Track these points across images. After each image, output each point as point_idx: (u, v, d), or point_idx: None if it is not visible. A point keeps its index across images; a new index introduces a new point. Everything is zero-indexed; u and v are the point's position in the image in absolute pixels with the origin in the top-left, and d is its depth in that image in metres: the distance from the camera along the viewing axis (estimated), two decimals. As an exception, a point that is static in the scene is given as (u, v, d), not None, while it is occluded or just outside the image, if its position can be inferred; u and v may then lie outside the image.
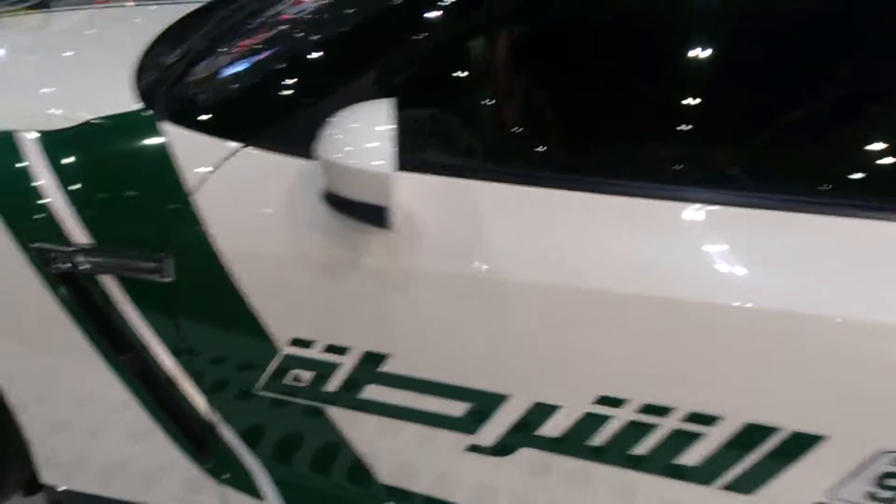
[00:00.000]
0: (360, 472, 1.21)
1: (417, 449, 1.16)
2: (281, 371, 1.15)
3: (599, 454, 1.06)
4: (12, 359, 1.26)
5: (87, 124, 1.18)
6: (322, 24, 1.24)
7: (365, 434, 1.17)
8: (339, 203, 0.96)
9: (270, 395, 1.19)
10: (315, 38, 1.12)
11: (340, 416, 1.17)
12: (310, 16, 1.31)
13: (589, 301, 0.98)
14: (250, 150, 1.10)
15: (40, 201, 1.15)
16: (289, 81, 1.11)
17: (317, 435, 1.20)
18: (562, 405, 1.05)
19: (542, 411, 1.06)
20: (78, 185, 1.15)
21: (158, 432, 1.26)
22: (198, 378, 1.21)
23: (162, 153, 1.13)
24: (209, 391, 1.22)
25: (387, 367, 1.10)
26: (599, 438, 1.05)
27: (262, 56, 1.21)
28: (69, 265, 1.16)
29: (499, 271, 1.00)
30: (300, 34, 1.17)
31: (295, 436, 1.22)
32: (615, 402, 1.03)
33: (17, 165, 1.16)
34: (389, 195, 0.91)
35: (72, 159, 1.16)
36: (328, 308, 1.09)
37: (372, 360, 1.10)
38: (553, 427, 1.06)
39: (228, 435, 1.25)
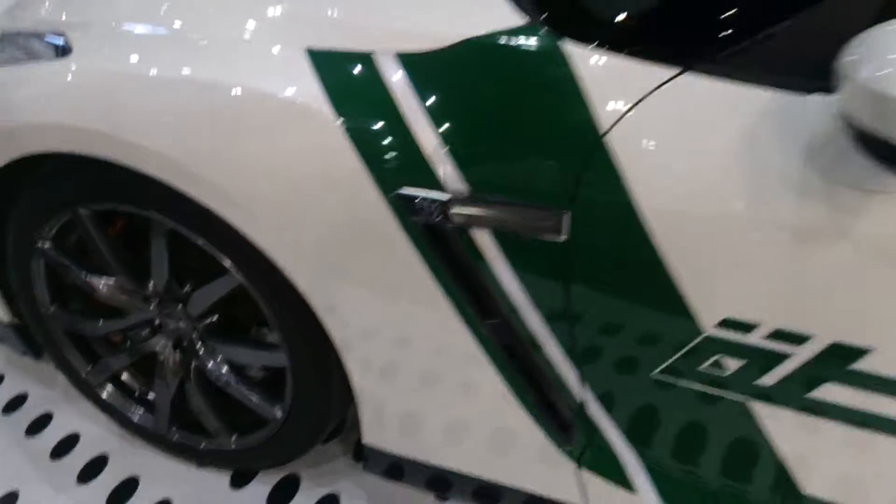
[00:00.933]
0: (780, 479, 0.99)
1: (880, 463, 0.92)
2: (698, 355, 0.93)
3: None
4: (355, 309, 1.10)
5: (463, 44, 0.96)
6: None
7: (804, 438, 0.94)
8: None
9: (672, 380, 0.97)
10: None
11: (771, 414, 0.94)
12: None
13: None
14: (692, 76, 0.85)
15: (407, 140, 0.96)
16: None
17: (728, 431, 0.99)
18: None
19: None
20: (453, 121, 0.95)
21: (515, 405, 1.09)
22: (576, 352, 1.01)
23: (566, 81, 0.90)
24: (588, 368, 1.02)
25: (864, 365, 0.85)
26: None
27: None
28: (439, 216, 0.97)
29: None
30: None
31: (695, 429, 1.01)
32: None
33: (378, 96, 0.97)
34: None
35: (446, 88, 0.96)
36: (788, 286, 0.85)
37: (842, 354, 0.85)
38: None
39: (602, 418, 1.06)
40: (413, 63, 0.97)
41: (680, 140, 0.86)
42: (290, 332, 1.21)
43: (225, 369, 1.36)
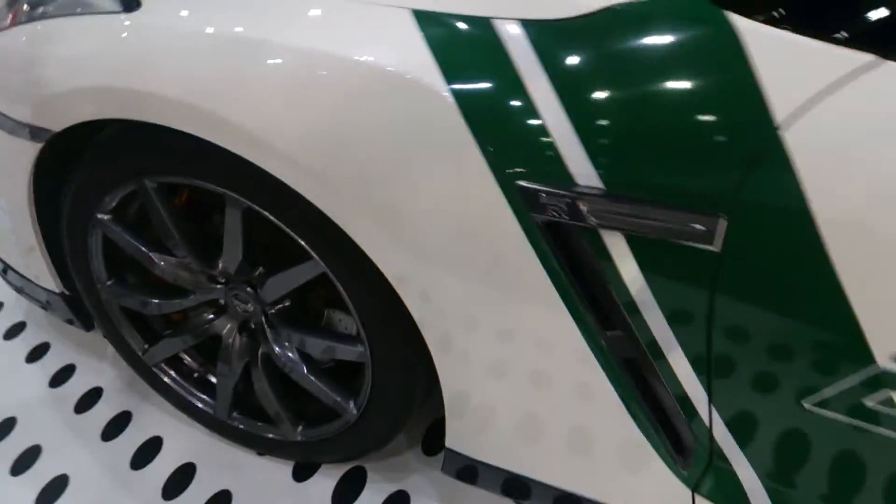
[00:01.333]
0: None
1: None
2: (866, 388, 0.81)
3: None
4: (451, 308, 0.98)
5: (606, 12, 0.82)
6: None
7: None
8: None
9: (828, 413, 0.85)
10: None
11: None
12: None
13: None
14: (891, 64, 0.71)
15: (532, 123, 0.83)
16: None
17: (890, 476, 0.86)
18: None
19: None
20: (590, 104, 0.81)
21: (626, 419, 0.98)
22: (709, 372, 0.89)
23: (735, 62, 0.76)
24: (721, 390, 0.90)
25: None
26: None
27: None
28: (567, 215, 0.84)
29: None
30: None
31: (846, 469, 0.89)
32: None
33: (499, 69, 0.84)
34: None
35: (582, 64, 0.82)
36: None
37: None
38: None
39: (729, 445, 0.95)
40: (542, 32, 0.84)
41: (872, 140, 0.72)
42: (375, 326, 1.10)
43: (294, 355, 1.26)
